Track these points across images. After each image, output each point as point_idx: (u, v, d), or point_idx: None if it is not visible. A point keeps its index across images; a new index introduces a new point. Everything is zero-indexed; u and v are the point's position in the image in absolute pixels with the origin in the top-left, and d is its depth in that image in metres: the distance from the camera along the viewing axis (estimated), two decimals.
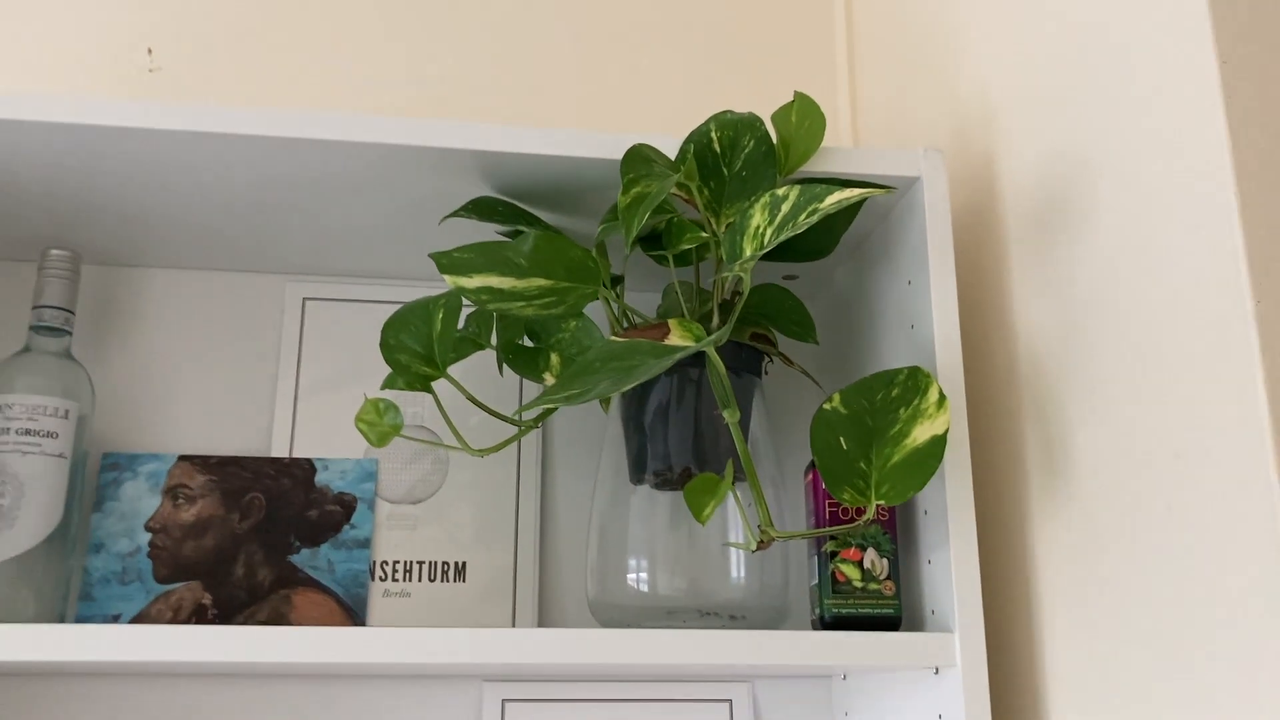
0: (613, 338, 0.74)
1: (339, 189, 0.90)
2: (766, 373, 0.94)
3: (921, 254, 0.86)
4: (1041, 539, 0.81)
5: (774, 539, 0.78)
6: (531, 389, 1.06)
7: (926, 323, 0.84)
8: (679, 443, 0.87)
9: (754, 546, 0.78)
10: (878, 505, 0.76)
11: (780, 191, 0.74)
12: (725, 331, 0.72)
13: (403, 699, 0.98)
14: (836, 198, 0.71)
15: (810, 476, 0.87)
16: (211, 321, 1.06)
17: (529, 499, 1.03)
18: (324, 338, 1.06)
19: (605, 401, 1.02)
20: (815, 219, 0.71)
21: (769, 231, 0.74)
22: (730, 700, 1.01)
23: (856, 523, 0.76)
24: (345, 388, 1.04)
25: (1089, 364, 0.76)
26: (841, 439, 0.76)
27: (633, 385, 0.68)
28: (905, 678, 0.86)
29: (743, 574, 0.85)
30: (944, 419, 0.75)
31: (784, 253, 0.87)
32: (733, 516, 0.86)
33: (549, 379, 0.80)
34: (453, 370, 0.99)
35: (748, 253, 0.76)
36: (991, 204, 0.91)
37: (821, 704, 1.02)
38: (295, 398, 1.04)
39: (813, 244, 0.87)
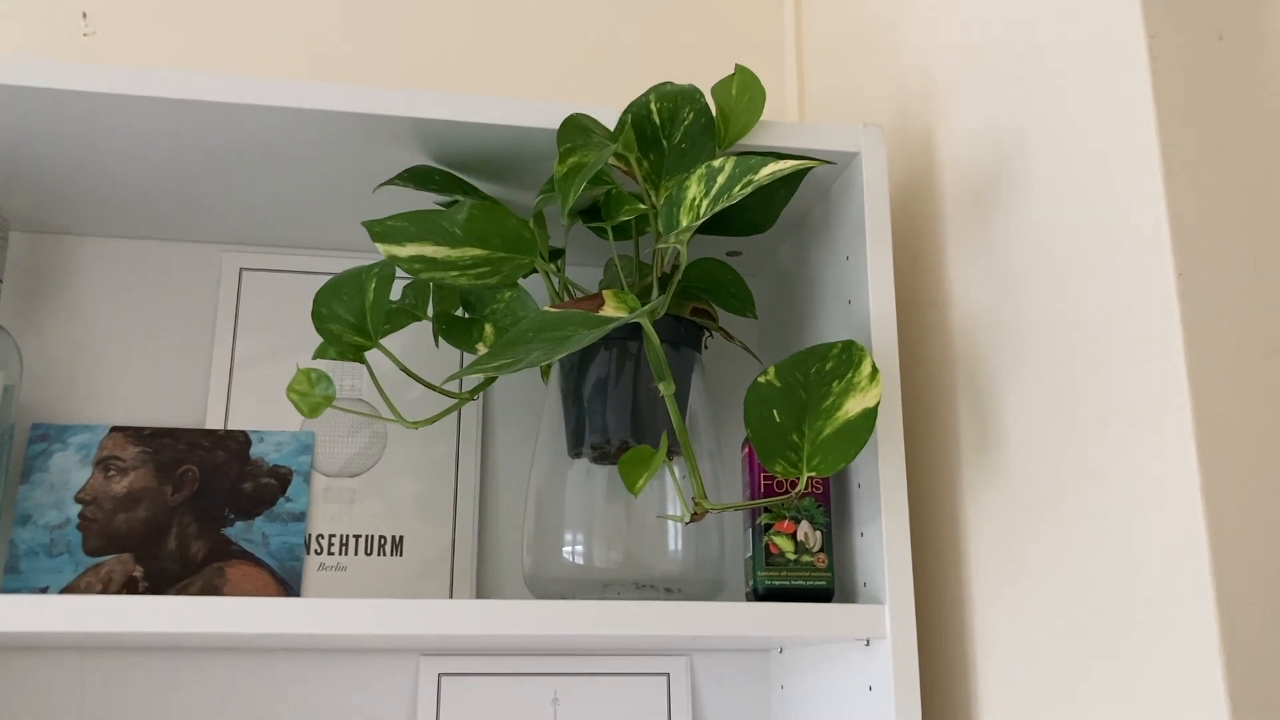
0: (547, 308, 0.73)
1: (276, 157, 0.88)
2: (706, 347, 0.95)
3: (859, 229, 0.86)
4: (972, 511, 0.82)
5: (708, 511, 0.78)
6: (469, 357, 1.05)
7: (863, 297, 0.84)
8: (617, 416, 0.87)
9: (688, 518, 0.78)
10: (809, 477, 0.76)
11: (716, 163, 0.74)
12: (660, 304, 0.72)
13: (338, 673, 0.98)
14: (771, 169, 0.71)
15: (746, 450, 0.87)
16: (146, 291, 1.04)
17: (468, 473, 1.02)
18: (261, 308, 1.04)
19: (544, 373, 1.02)
20: (749, 190, 0.71)
21: (705, 203, 0.74)
22: (668, 674, 1.01)
23: (789, 495, 0.76)
24: (282, 360, 1.03)
25: (1019, 337, 0.77)
26: (775, 412, 0.76)
27: (564, 355, 0.68)
28: (838, 650, 0.86)
29: (679, 547, 0.85)
30: (875, 392, 0.75)
31: (723, 226, 0.87)
32: (670, 490, 0.86)
33: (482, 350, 0.79)
34: (392, 343, 0.99)
35: (684, 223, 0.75)
36: (929, 180, 0.91)
37: (758, 677, 1.03)
38: (231, 369, 1.02)
39: (752, 218, 0.87)
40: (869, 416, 0.75)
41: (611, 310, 0.73)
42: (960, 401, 0.84)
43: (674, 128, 0.83)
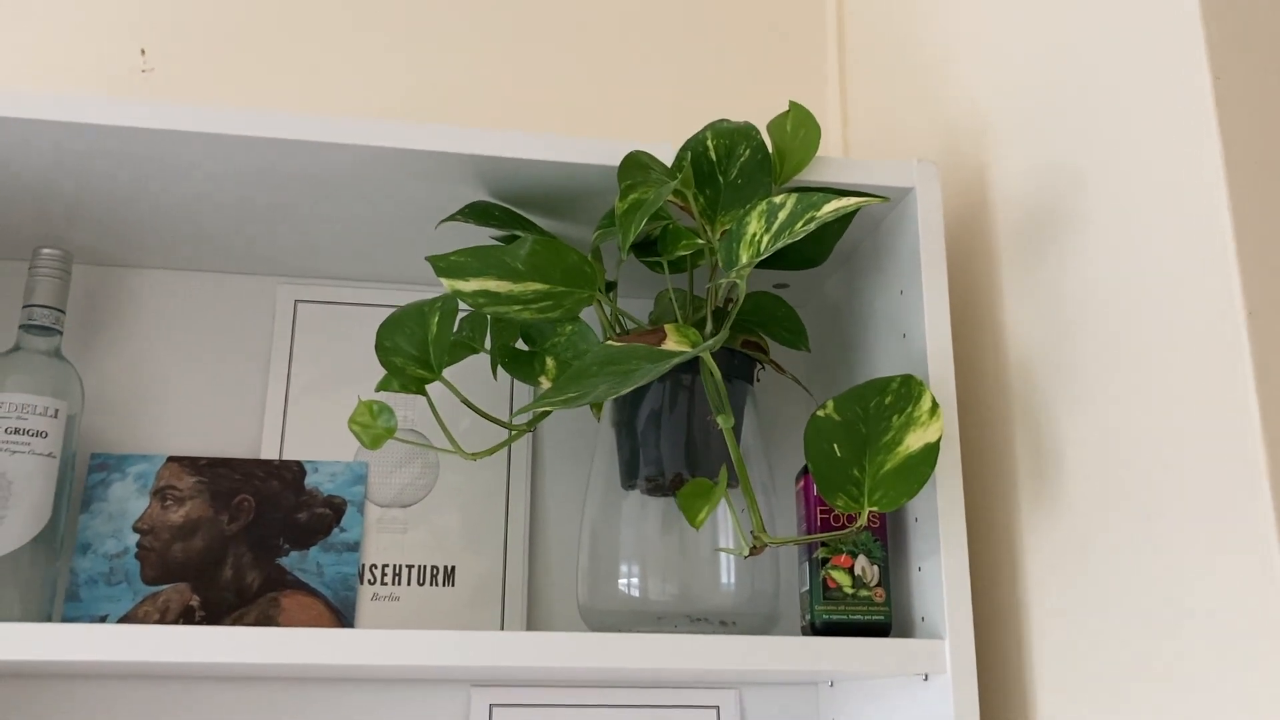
0: (610, 342, 0.74)
1: (333, 191, 0.90)
2: (758, 379, 0.95)
3: (914, 264, 0.86)
4: (1030, 545, 0.82)
5: (766, 545, 0.78)
6: (522, 393, 1.06)
7: (919, 332, 0.85)
8: (671, 449, 0.87)
9: (746, 552, 0.79)
10: (870, 512, 0.76)
11: (777, 199, 0.75)
12: (721, 338, 0.73)
13: (390, 703, 0.98)
14: (833, 206, 0.72)
15: (802, 483, 0.87)
16: (202, 322, 1.05)
17: (518, 504, 1.03)
18: (315, 340, 1.05)
19: (597, 407, 1.03)
20: (812, 227, 0.72)
21: (765, 239, 0.75)
22: (717, 707, 1.01)
23: (848, 529, 0.77)
24: (336, 391, 1.04)
25: (1076, 371, 0.77)
26: (835, 445, 0.76)
27: (630, 389, 0.69)
28: (893, 684, 0.86)
29: (733, 580, 0.86)
30: (937, 427, 0.76)
31: (777, 261, 0.88)
32: (724, 522, 0.86)
33: (544, 383, 0.80)
34: (445, 374, 0.99)
35: (744, 259, 0.76)
36: (982, 215, 0.92)
37: (809, 711, 1.03)
38: (285, 400, 1.04)
39: (806, 253, 0.87)
40: (931, 452, 0.75)
41: (674, 344, 0.74)
42: (1016, 436, 0.84)
43: (730, 164, 0.84)
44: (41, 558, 0.88)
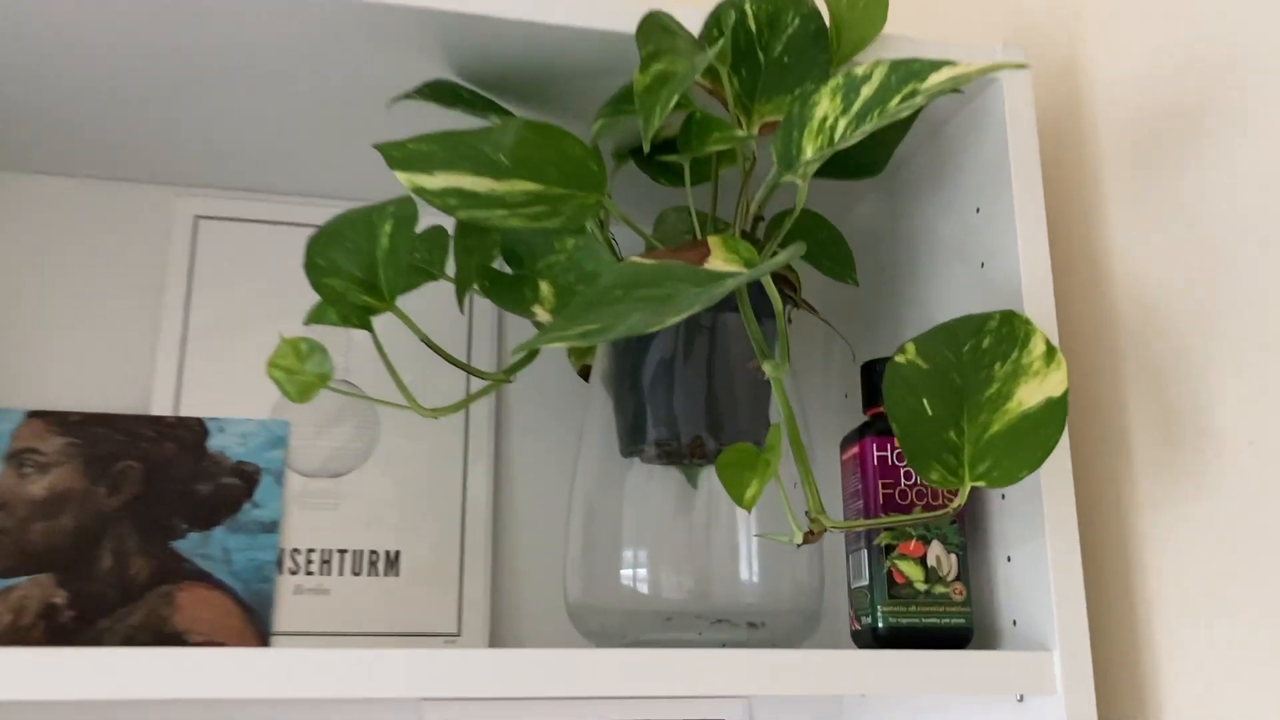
0: (635, 259, 0.54)
1: (247, 69, 0.68)
2: (790, 320, 0.77)
3: (998, 174, 0.68)
4: (1153, 529, 0.65)
5: (826, 530, 0.60)
6: (484, 335, 0.85)
7: (1007, 260, 0.67)
8: (688, 406, 0.68)
9: (799, 539, 0.60)
10: (972, 488, 0.58)
11: (859, 70, 0.56)
12: (786, 255, 0.53)
13: None
14: (946, 76, 0.53)
15: (855, 449, 0.69)
16: (76, 243, 0.83)
17: (480, 473, 0.83)
18: (222, 267, 0.84)
19: (578, 356, 0.83)
20: (917, 104, 0.53)
21: (843, 123, 0.55)
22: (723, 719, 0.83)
23: (943, 510, 0.59)
24: (248, 330, 0.83)
25: (1223, 316, 0.60)
26: (925, 402, 0.58)
27: (673, 321, 0.49)
28: (958, 700, 0.69)
29: (766, 571, 0.67)
30: (1059, 378, 0.58)
31: (827, 167, 0.69)
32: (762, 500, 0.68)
33: (541, 314, 0.60)
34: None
35: (809, 153, 0.57)
36: (1078, 118, 0.74)
37: None
38: (183, 341, 0.82)
39: (866, 157, 0.69)
40: (1054, 411, 0.57)
41: (721, 263, 0.54)
42: (1130, 394, 0.67)
43: (774, 37, 0.65)
44: None
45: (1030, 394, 0.58)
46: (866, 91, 0.55)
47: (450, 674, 0.55)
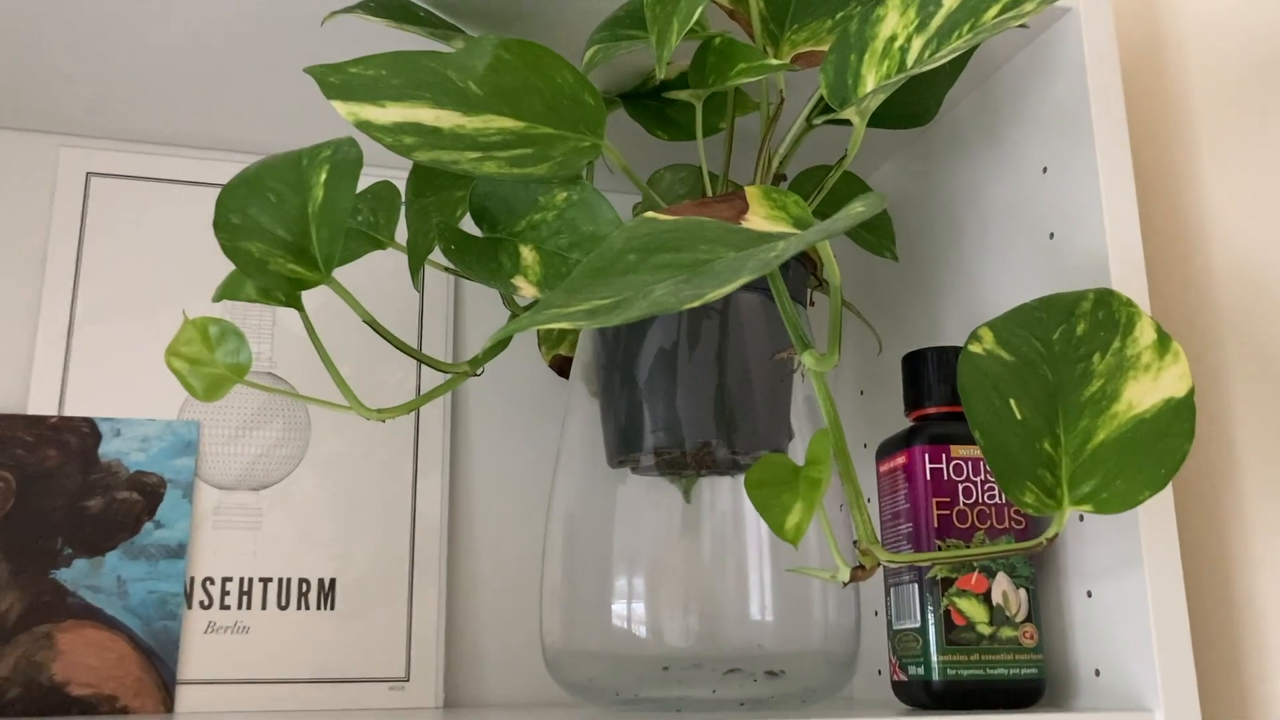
0: (651, 214, 0.41)
1: None
2: (812, 303, 0.64)
3: (1073, 125, 0.56)
4: (1268, 556, 0.53)
5: (879, 565, 0.47)
6: (436, 317, 0.72)
7: (1086, 229, 0.55)
8: (694, 405, 0.55)
9: (846, 575, 0.48)
10: (1070, 514, 0.46)
11: None
12: (862, 211, 0.40)
13: None
14: None
15: (901, 461, 0.56)
16: None
17: (432, 486, 0.70)
18: (118, 234, 0.69)
19: (550, 345, 0.70)
20: (1025, 14, 0.40)
21: (919, 42, 0.43)
22: None
23: (1037, 543, 0.46)
24: (150, 311, 0.68)
25: None
26: (1013, 403, 0.46)
27: (715, 296, 0.36)
28: None
29: (790, 608, 0.55)
30: (1178, 372, 0.46)
31: (878, 117, 0.57)
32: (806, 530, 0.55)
33: (522, 286, 0.47)
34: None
35: (870, 84, 0.44)
36: (1158, 56, 0.62)
37: None
38: (70, 324, 0.67)
39: (917, 103, 0.57)
40: (1179, 415, 0.45)
41: (763, 220, 0.41)
42: (1237, 393, 0.55)
43: None
44: None
45: (1142, 394, 0.46)
46: (950, 1, 0.43)
47: None
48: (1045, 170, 0.58)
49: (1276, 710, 0.53)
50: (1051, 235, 0.57)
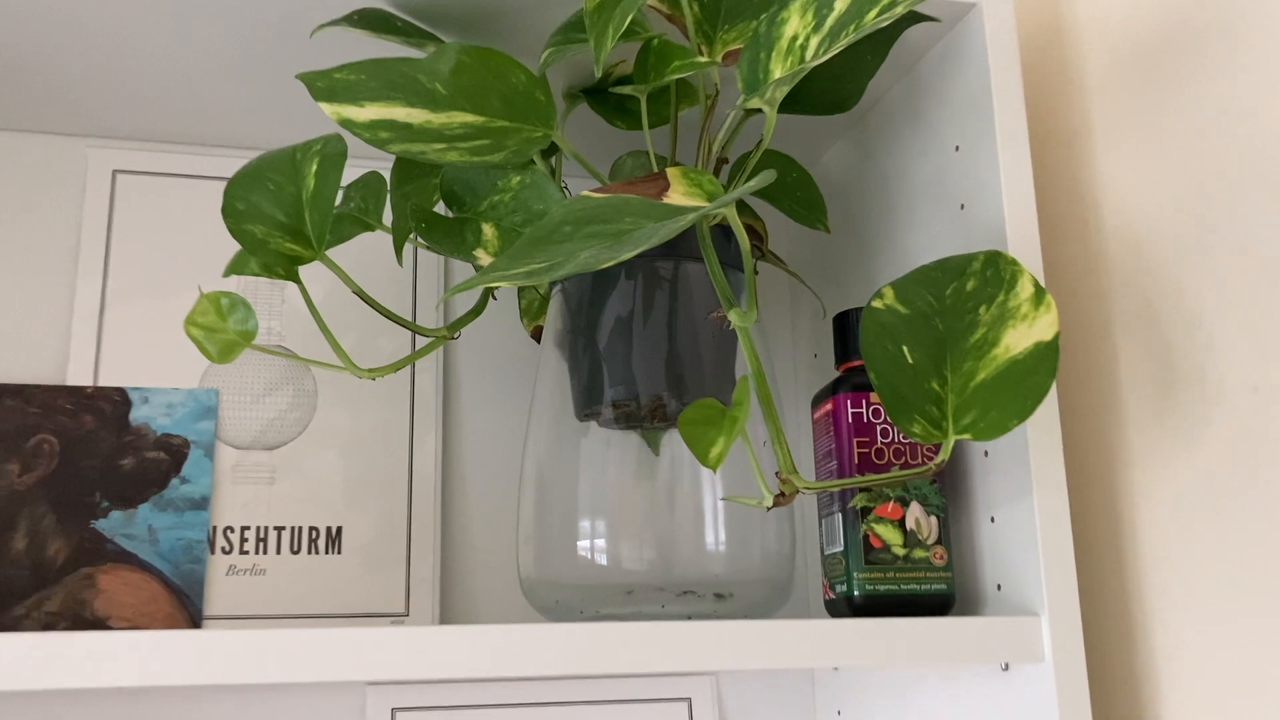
0: (586, 193, 0.49)
1: (165, 6, 0.62)
2: (756, 272, 0.72)
3: (976, 109, 0.63)
4: (1148, 484, 0.61)
5: (799, 491, 0.55)
6: (428, 293, 0.80)
7: (987, 199, 0.62)
8: (647, 364, 0.63)
9: (770, 501, 0.55)
10: (956, 441, 0.54)
11: None
12: (750, 185, 0.48)
13: (265, 714, 0.72)
14: None
15: (828, 407, 0.64)
16: None
17: (426, 443, 0.78)
18: (142, 224, 0.77)
19: (529, 317, 0.78)
20: (896, 14, 0.48)
21: (815, 40, 0.50)
22: (689, 699, 0.79)
23: (926, 466, 0.54)
24: (173, 292, 0.77)
25: (1222, 250, 0.56)
26: (905, 349, 0.53)
27: (628, 255, 0.44)
28: (939, 673, 0.65)
29: (735, 539, 0.62)
30: (1048, 320, 0.53)
31: (795, 101, 0.64)
32: (732, 463, 0.63)
33: (483, 258, 0.55)
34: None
35: (776, 74, 0.52)
36: (1058, 42, 0.70)
37: (802, 701, 0.81)
38: (101, 305, 0.76)
39: (836, 90, 0.64)
40: (1045, 356, 0.52)
41: (682, 196, 0.49)
42: (1120, 341, 0.63)
43: None
44: None
45: (1018, 339, 0.53)
46: (840, 5, 0.50)
47: (397, 655, 0.50)
48: (958, 149, 0.65)
49: (1152, 614, 0.60)
50: (962, 206, 0.65)
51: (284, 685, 0.72)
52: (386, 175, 0.77)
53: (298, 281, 0.57)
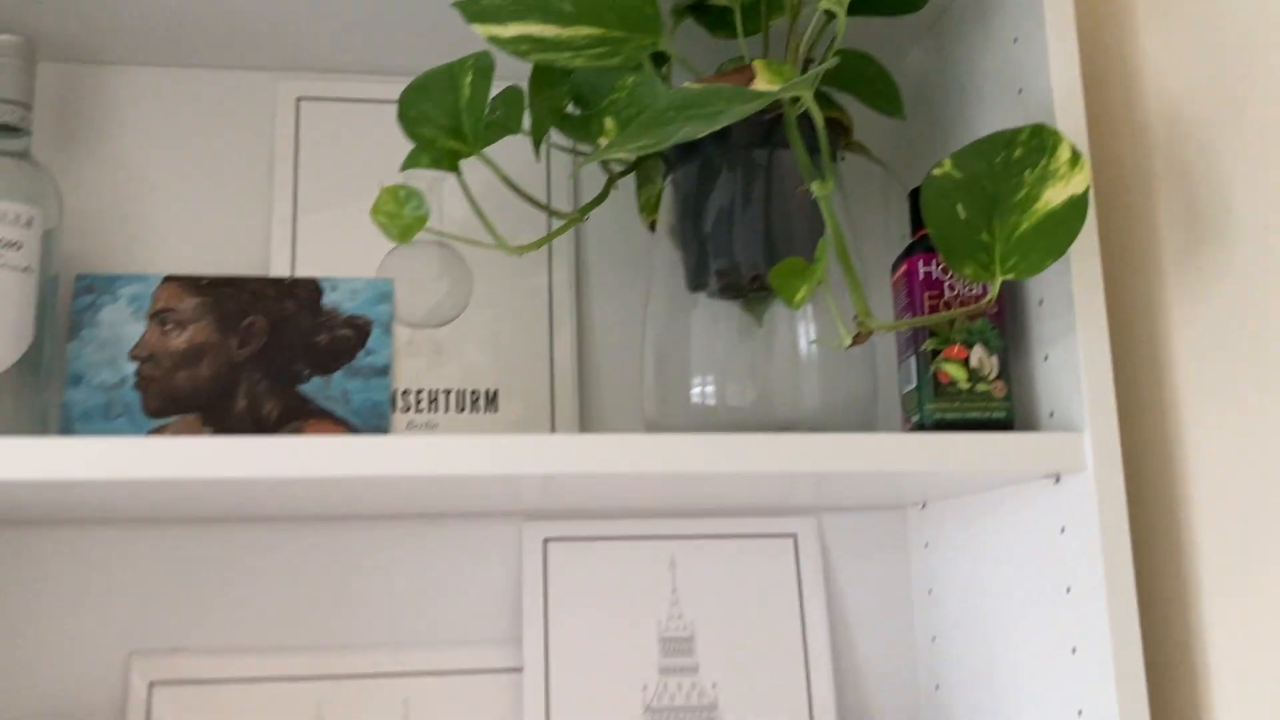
0: (688, 85, 0.61)
1: None
2: (843, 158, 0.82)
3: (1030, 3, 0.72)
4: (1181, 315, 0.70)
5: (872, 331, 0.67)
6: (562, 185, 0.93)
7: (1040, 81, 0.71)
8: (747, 243, 0.75)
9: (848, 342, 0.67)
10: (1002, 282, 0.64)
11: None
12: (818, 72, 0.59)
13: (437, 541, 0.88)
14: None
15: (904, 268, 0.75)
16: (193, 126, 0.92)
17: (564, 318, 0.91)
18: (323, 143, 0.92)
19: (648, 210, 0.90)
20: None
21: None
22: (795, 535, 0.91)
23: (977, 305, 0.65)
24: (351, 199, 0.91)
25: (1246, 112, 0.64)
26: (959, 207, 0.64)
27: (718, 126, 0.55)
28: (1002, 498, 0.76)
29: (823, 382, 0.74)
30: (1081, 178, 0.63)
31: (870, 5, 0.74)
32: (812, 318, 0.74)
33: (605, 144, 0.68)
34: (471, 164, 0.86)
35: None
36: None
37: (895, 536, 0.92)
38: (294, 212, 0.91)
39: None
40: (1077, 206, 0.62)
41: (765, 83, 0.61)
42: (1160, 200, 0.72)
43: None
44: (27, 388, 0.77)
45: (1056, 194, 0.63)
46: None
47: (548, 453, 0.64)
48: (1015, 40, 0.75)
49: (1185, 427, 0.70)
50: (1020, 91, 0.74)
51: (451, 516, 0.87)
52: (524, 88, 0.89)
53: (458, 172, 0.70)
